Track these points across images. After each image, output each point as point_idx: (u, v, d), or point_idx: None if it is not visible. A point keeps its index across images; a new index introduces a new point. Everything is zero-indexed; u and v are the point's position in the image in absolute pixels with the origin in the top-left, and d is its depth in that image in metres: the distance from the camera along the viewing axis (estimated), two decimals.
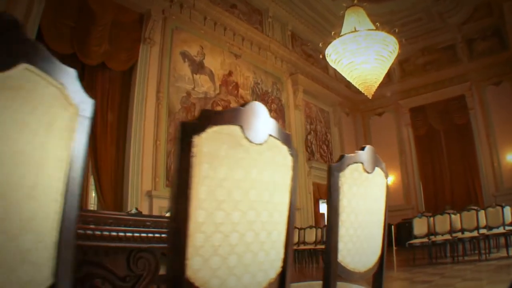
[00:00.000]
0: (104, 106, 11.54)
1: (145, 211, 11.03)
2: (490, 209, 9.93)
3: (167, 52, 12.92)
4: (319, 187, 17.87)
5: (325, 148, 19.17)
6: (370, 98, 11.99)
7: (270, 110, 16.01)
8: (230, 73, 14.86)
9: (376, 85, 11.61)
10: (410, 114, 20.68)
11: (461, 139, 19.08)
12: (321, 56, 12.39)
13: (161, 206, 11.52)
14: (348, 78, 11.80)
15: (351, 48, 11.31)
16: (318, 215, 17.67)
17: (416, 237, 10.08)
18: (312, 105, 19.10)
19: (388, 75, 20.72)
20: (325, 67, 19.09)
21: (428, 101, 19.96)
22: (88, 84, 11.19)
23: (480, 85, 18.63)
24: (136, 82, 12.08)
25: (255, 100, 15.28)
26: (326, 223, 1.85)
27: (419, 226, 10.17)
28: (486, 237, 9.78)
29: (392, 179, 20.49)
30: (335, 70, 18.81)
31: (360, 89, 11.77)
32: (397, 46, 11.51)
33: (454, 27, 18.61)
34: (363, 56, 11.33)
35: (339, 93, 20.50)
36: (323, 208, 19.27)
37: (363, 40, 11.19)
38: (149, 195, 11.47)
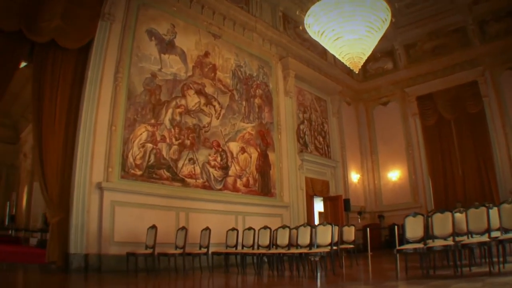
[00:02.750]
0: (54, 88, 9.66)
1: (95, 206, 9.24)
2: (505, 206, 7.11)
3: (130, 30, 10.78)
4: (313, 183, 15.21)
5: (321, 139, 16.45)
6: (357, 72, 9.41)
7: (254, 96, 13.60)
8: (206, 54, 12.41)
9: (364, 57, 9.06)
10: (417, 103, 17.97)
11: (474, 129, 16.38)
12: (300, 28, 9.85)
13: (114, 200, 9.53)
14: (332, 51, 9.30)
15: (333, 15, 8.75)
16: (311, 214, 14.97)
17: (408, 242, 7.34)
18: (307, 93, 16.42)
19: (393, 61, 18.21)
20: (323, 52, 16.48)
21: (437, 89, 17.31)
22: (37, 63, 9.59)
23: (495, 70, 16.05)
24: (91, 61, 10.02)
25: (237, 84, 12.90)
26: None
27: (413, 228, 7.38)
28: (500, 242, 6.91)
29: (398, 174, 17.80)
30: (334, 56, 16.41)
31: (345, 62, 9.22)
32: (389, 14, 8.90)
33: (464, 8, 16.06)
34: (348, 25, 8.79)
35: (339, 81, 17.90)
36: (319, 206, 16.63)
37: (347, 5, 8.61)
38: (100, 187, 9.34)
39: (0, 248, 13.82)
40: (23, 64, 10.42)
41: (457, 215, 7.55)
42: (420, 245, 6.99)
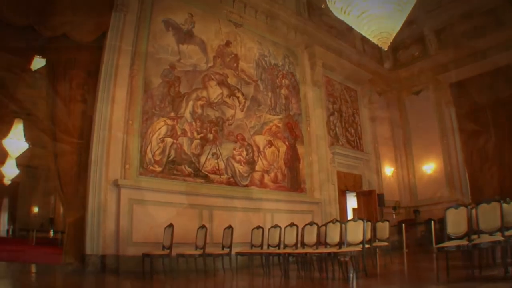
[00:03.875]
0: (67, 81, 9.02)
1: (112, 204, 8.54)
2: None
3: (145, 21, 10.04)
4: (346, 177, 14.09)
5: (352, 131, 15.30)
6: (386, 49, 8.33)
7: (280, 86, 12.62)
8: (227, 44, 11.53)
9: (394, 33, 7.94)
10: (450, 90, 16.34)
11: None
12: (323, 6, 8.87)
13: (132, 198, 8.74)
14: (357, 28, 8.23)
15: None
16: (344, 210, 13.86)
17: (450, 238, 6.27)
18: (336, 83, 15.29)
19: (424, 48, 16.87)
20: (351, 40, 15.36)
21: (471, 74, 15.61)
22: (50, 58, 9.08)
23: None
24: (105, 54, 9.29)
25: (261, 74, 12.02)
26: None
27: (455, 222, 6.27)
28: None
29: (433, 166, 16.46)
30: (363, 43, 15.25)
31: (372, 39, 8.12)
32: None
33: None
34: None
35: (369, 70, 16.55)
36: (353, 202, 15.50)
37: None
38: (116, 184, 8.59)
39: (31, 250, 13.46)
40: (41, 63, 9.82)
41: (506, 206, 6.40)
42: (464, 242, 5.89)
